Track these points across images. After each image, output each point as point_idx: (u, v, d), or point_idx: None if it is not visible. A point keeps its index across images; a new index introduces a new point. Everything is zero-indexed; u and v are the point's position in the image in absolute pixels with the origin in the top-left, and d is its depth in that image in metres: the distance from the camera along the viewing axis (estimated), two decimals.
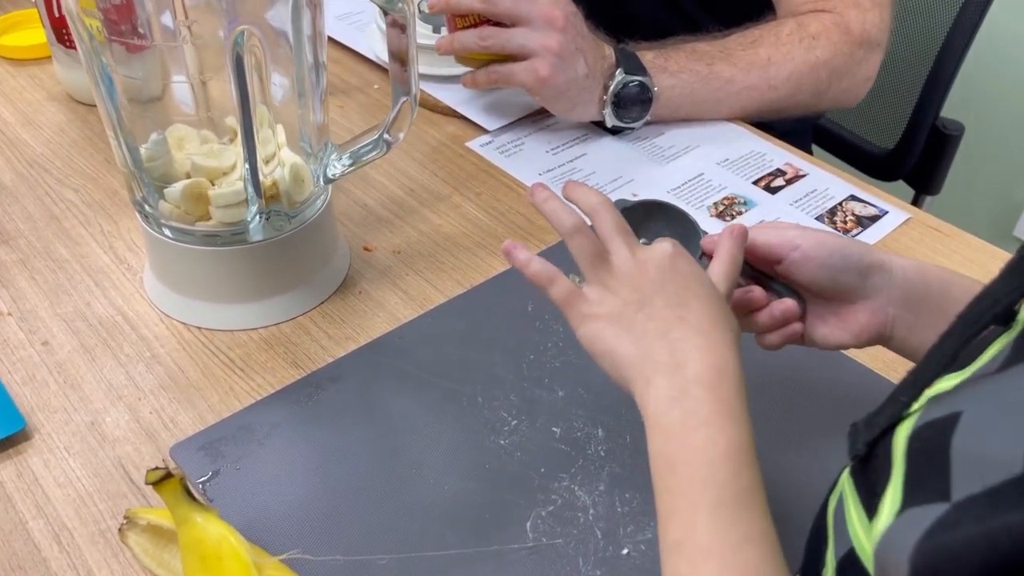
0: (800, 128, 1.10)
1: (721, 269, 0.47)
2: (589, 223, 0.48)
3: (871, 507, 0.33)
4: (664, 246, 0.46)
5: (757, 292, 0.50)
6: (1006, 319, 0.33)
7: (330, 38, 0.96)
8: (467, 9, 0.76)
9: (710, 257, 0.50)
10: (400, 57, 0.58)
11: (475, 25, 0.77)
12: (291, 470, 0.54)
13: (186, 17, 0.56)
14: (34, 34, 0.92)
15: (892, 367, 0.61)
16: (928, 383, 0.34)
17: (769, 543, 0.38)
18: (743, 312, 0.51)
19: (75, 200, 0.75)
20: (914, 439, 0.31)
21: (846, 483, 0.37)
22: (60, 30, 0.82)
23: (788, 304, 0.50)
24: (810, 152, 1.14)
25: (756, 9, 0.87)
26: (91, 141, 0.81)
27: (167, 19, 0.57)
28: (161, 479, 0.44)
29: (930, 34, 1.11)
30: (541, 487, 0.53)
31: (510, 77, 0.77)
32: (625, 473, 0.54)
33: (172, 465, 0.45)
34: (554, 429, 0.57)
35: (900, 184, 1.20)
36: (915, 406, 0.34)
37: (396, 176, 0.79)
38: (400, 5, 0.55)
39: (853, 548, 0.34)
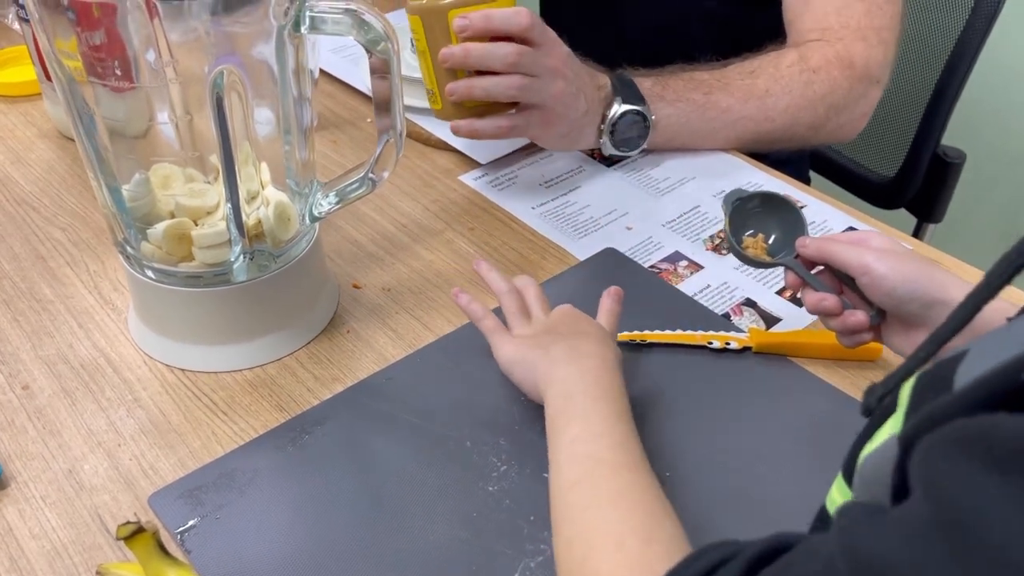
0: (798, 157, 1.09)
1: (603, 317, 0.61)
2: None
3: (867, 437, 0.33)
4: (565, 307, 0.61)
5: (831, 302, 0.56)
6: None
7: (324, 71, 0.96)
8: (478, 65, 0.71)
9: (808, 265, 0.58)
10: (383, 96, 0.57)
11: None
12: (273, 519, 0.53)
13: (171, 56, 0.55)
14: (26, 71, 0.91)
15: None
16: (948, 337, 0.35)
17: (634, 432, 0.50)
18: (821, 314, 0.57)
19: (62, 239, 0.74)
20: (922, 376, 0.32)
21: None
22: (48, 67, 0.81)
23: (858, 318, 0.56)
24: (808, 181, 1.13)
25: (763, 34, 0.87)
26: (80, 178, 0.80)
27: (150, 57, 0.57)
28: (133, 533, 0.42)
29: (930, 61, 1.10)
30: (530, 536, 0.52)
31: (524, 130, 0.75)
32: None
33: (147, 517, 0.44)
34: (545, 475, 0.55)
35: (902, 212, 1.19)
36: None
37: (387, 211, 0.78)
38: (383, 44, 0.55)
39: (824, 506, 0.36)
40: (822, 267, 0.58)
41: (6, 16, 0.96)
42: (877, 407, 0.35)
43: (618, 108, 0.77)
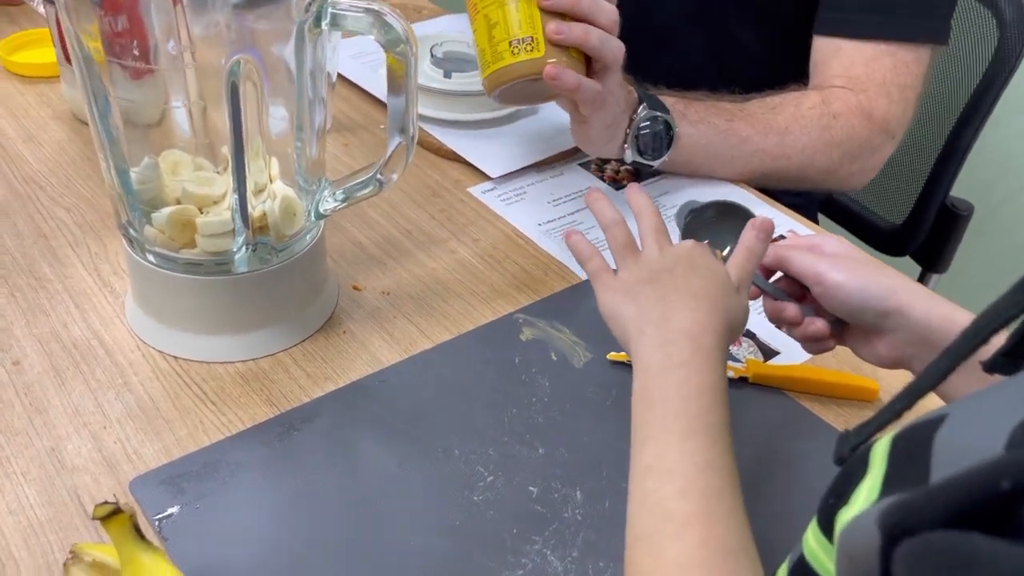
0: (807, 202, 1.10)
1: (736, 259, 0.53)
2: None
3: (842, 496, 0.32)
4: (687, 242, 0.53)
5: (791, 311, 0.55)
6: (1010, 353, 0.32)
7: (341, 76, 0.96)
8: (589, 10, 0.66)
9: (765, 272, 0.56)
10: (397, 99, 0.57)
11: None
12: (253, 513, 0.52)
13: (190, 43, 0.55)
14: (46, 53, 0.92)
15: None
16: (923, 393, 0.35)
17: (729, 473, 0.44)
18: (780, 323, 0.57)
19: (66, 219, 0.74)
20: (898, 440, 0.31)
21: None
22: (68, 50, 0.82)
23: (818, 327, 0.55)
24: (816, 221, 1.13)
25: (787, 72, 0.87)
26: (90, 161, 0.80)
27: (170, 45, 0.57)
28: (109, 515, 0.42)
29: (945, 113, 1.11)
30: (512, 549, 0.51)
31: (596, 103, 0.70)
32: (601, 541, 0.52)
33: (125, 500, 0.43)
34: (531, 488, 0.54)
35: (907, 260, 1.19)
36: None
37: (394, 216, 0.78)
38: (402, 46, 0.55)
39: (803, 555, 0.35)
40: (781, 275, 0.57)
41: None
42: (849, 457, 0.35)
43: (645, 113, 0.76)
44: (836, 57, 0.85)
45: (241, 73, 0.52)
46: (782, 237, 0.80)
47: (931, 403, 0.39)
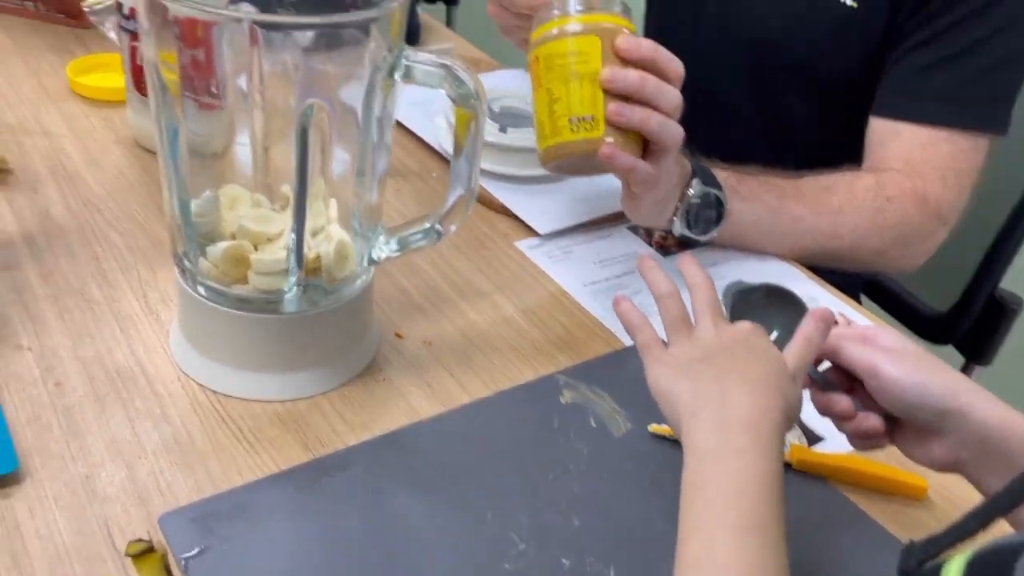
0: (850, 282, 1.08)
1: (794, 348, 0.51)
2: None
3: None
4: (745, 324, 0.51)
5: (843, 404, 0.53)
6: None
7: (398, 122, 0.97)
8: (651, 95, 0.65)
9: (817, 361, 0.54)
10: (464, 151, 0.57)
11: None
12: (280, 559, 0.51)
13: (261, 83, 0.56)
14: (114, 77, 0.94)
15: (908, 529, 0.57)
16: (1001, 515, 0.33)
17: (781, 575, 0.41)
18: (831, 417, 0.54)
19: (119, 244, 0.74)
20: (975, 562, 0.30)
21: None
22: (139, 77, 0.83)
23: (873, 423, 0.52)
24: (859, 302, 1.11)
25: (840, 150, 0.87)
26: (147, 188, 0.81)
27: (242, 81, 0.58)
28: (142, 552, 0.41)
29: (999, 203, 1.09)
30: None
31: (649, 183, 0.69)
32: None
33: (155, 536, 0.43)
34: (564, 560, 0.53)
35: (949, 349, 1.16)
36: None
37: (440, 265, 0.78)
38: (473, 101, 0.55)
39: None
40: (829, 364, 0.55)
41: (104, 24, 0.99)
42: (916, 572, 0.33)
43: (697, 188, 0.76)
44: (894, 140, 0.85)
45: (312, 118, 0.53)
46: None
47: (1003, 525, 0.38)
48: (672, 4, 1.03)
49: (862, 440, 0.54)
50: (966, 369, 1.17)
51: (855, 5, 0.86)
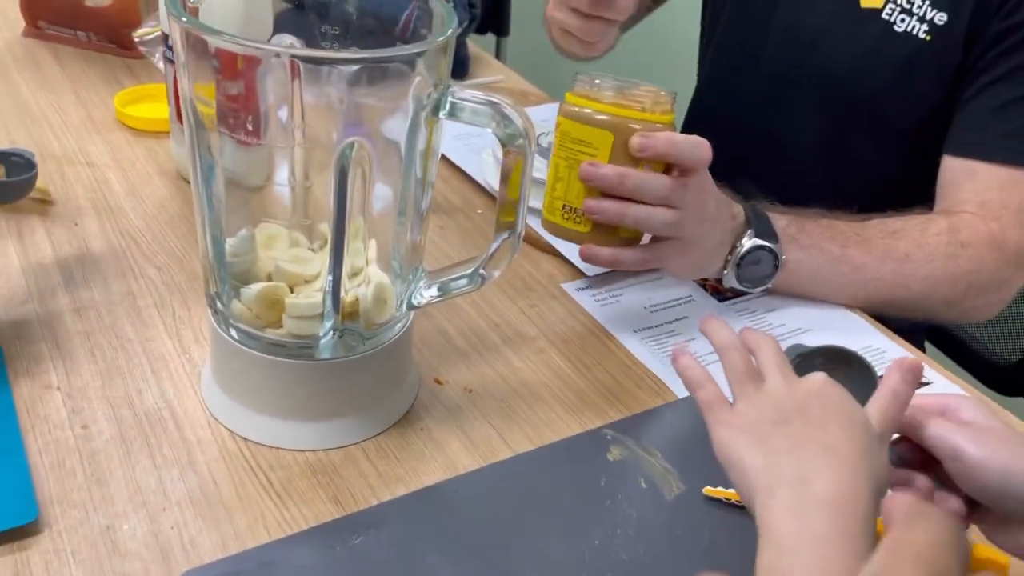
0: (914, 328, 1.03)
1: (879, 404, 0.46)
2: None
3: None
4: (818, 376, 0.46)
5: (921, 482, 0.48)
6: None
7: (442, 155, 0.95)
8: (630, 194, 0.66)
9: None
10: (511, 192, 0.54)
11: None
12: None
13: (302, 118, 0.54)
14: (159, 108, 0.93)
15: None
16: None
17: None
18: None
19: (155, 279, 0.73)
20: None
21: None
22: (181, 108, 0.82)
23: (955, 506, 0.47)
24: (923, 350, 1.05)
25: (906, 190, 0.83)
26: (187, 221, 0.80)
27: (282, 113, 0.55)
28: None
29: None
30: None
31: (661, 263, 0.70)
32: None
33: None
34: None
35: (1019, 402, 1.10)
36: None
37: (482, 307, 0.75)
38: (520, 141, 0.52)
39: None
40: (899, 436, 0.50)
41: (153, 54, 0.99)
42: None
43: (749, 242, 0.72)
44: (969, 180, 0.80)
45: (352, 156, 0.50)
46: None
47: None
48: (734, 36, 1.00)
49: None
50: None
51: (928, 38, 0.82)
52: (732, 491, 0.58)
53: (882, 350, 0.76)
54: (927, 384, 0.73)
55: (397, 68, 0.50)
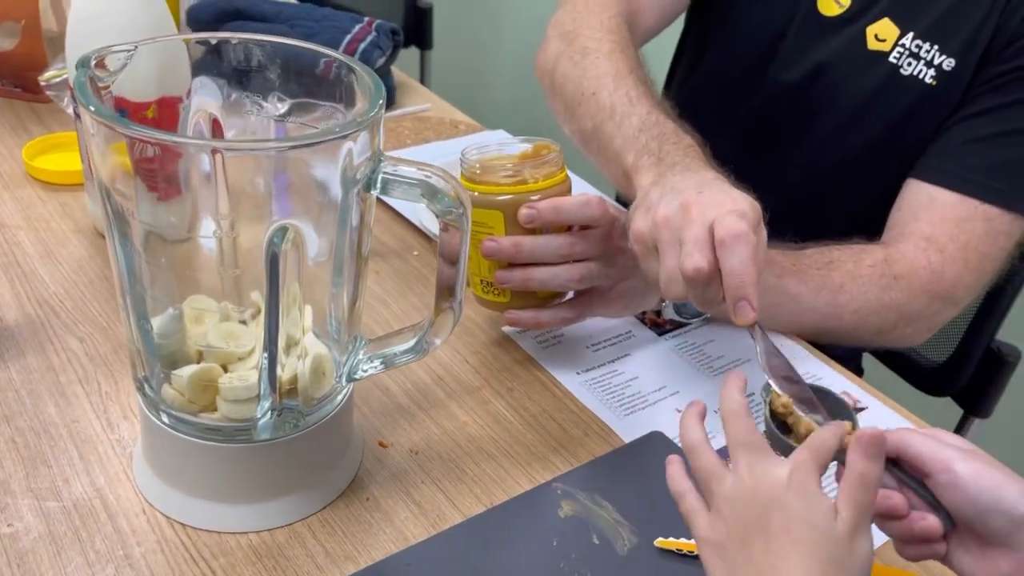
0: (853, 353, 1.06)
1: (849, 493, 0.44)
2: None
3: None
4: (781, 473, 0.45)
5: (896, 500, 0.47)
6: None
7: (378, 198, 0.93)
8: (529, 260, 0.68)
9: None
10: (450, 261, 0.53)
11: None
12: None
13: (227, 195, 0.51)
14: (71, 159, 0.89)
15: None
16: None
17: None
18: (881, 517, 0.48)
19: (78, 351, 0.69)
20: None
21: None
22: None
23: (930, 524, 0.47)
24: (860, 373, 1.08)
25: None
26: (109, 283, 0.76)
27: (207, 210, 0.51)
28: None
29: None
30: None
31: (587, 314, 0.72)
32: None
33: None
34: None
35: (947, 402, 1.13)
36: None
37: (424, 358, 0.73)
38: (458, 211, 0.51)
39: None
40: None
41: (62, 99, 0.94)
42: None
43: None
44: (927, 207, 0.80)
45: (283, 242, 0.48)
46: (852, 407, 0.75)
47: None
48: (727, 60, 0.96)
49: (916, 547, 0.48)
50: (965, 422, 1.14)
51: (934, 83, 0.82)
52: (684, 542, 0.58)
53: (819, 376, 0.78)
54: (863, 409, 0.75)
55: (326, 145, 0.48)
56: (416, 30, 1.82)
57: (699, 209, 0.58)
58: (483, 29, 2.30)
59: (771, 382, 0.56)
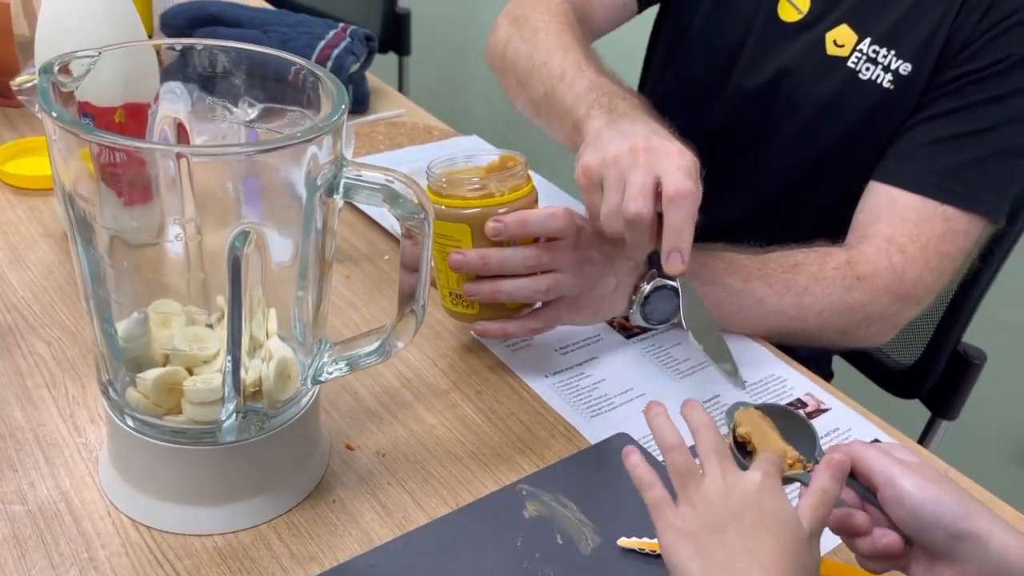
0: (822, 354, 1.07)
1: (810, 502, 0.48)
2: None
3: None
4: (754, 476, 0.48)
5: (859, 518, 0.50)
6: None
7: (347, 201, 0.93)
8: (497, 272, 0.69)
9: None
10: (412, 267, 0.54)
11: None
12: None
13: (195, 217, 0.51)
14: (41, 163, 0.89)
15: None
16: None
17: None
18: (845, 533, 0.51)
19: (45, 355, 0.69)
20: None
21: None
22: None
23: (892, 540, 0.49)
24: (830, 376, 1.10)
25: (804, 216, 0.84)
26: (77, 288, 0.76)
27: (172, 210, 0.52)
28: None
29: None
30: None
31: (555, 323, 0.73)
32: None
33: None
34: None
35: (916, 404, 1.15)
36: None
37: (393, 361, 0.74)
38: (419, 216, 0.52)
39: None
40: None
41: (33, 104, 0.94)
42: None
43: (652, 282, 0.74)
44: (888, 208, 0.81)
45: (244, 246, 0.49)
46: (800, 403, 0.76)
47: None
48: (691, 68, 0.98)
49: (879, 561, 0.50)
50: (932, 424, 1.16)
51: (892, 87, 0.84)
52: (647, 541, 0.59)
53: (784, 378, 0.79)
54: (827, 410, 0.76)
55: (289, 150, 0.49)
56: (394, 36, 1.82)
57: (647, 155, 0.63)
58: (461, 35, 2.31)
59: (690, 334, 0.62)
